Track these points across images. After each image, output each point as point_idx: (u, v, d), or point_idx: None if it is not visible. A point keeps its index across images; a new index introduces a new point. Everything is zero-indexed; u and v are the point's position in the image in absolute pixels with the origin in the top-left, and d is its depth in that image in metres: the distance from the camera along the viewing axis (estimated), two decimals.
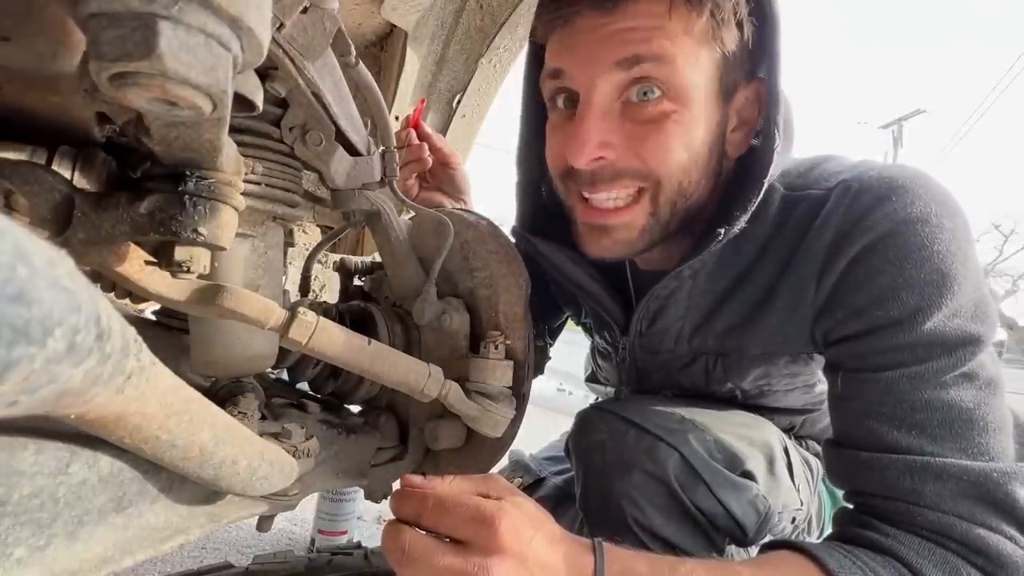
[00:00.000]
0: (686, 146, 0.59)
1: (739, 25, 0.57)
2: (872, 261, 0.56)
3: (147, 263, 0.42)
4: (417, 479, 0.48)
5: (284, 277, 0.61)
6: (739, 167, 0.65)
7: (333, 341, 0.46)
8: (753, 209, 0.59)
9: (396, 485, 0.68)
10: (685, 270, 0.66)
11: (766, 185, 0.59)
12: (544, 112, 0.69)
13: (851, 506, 0.59)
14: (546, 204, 0.77)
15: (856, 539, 0.54)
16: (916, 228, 0.55)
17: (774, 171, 0.59)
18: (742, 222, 0.60)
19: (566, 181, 0.65)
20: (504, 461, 0.78)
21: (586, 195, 0.63)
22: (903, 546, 0.51)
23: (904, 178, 0.57)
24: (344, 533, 1.36)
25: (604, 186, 0.61)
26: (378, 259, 0.73)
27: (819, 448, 0.86)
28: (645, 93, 0.57)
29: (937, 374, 0.53)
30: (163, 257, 0.38)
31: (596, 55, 0.57)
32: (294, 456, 0.47)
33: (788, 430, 0.83)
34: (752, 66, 0.61)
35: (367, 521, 1.54)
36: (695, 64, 0.56)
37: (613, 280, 0.78)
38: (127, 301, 0.54)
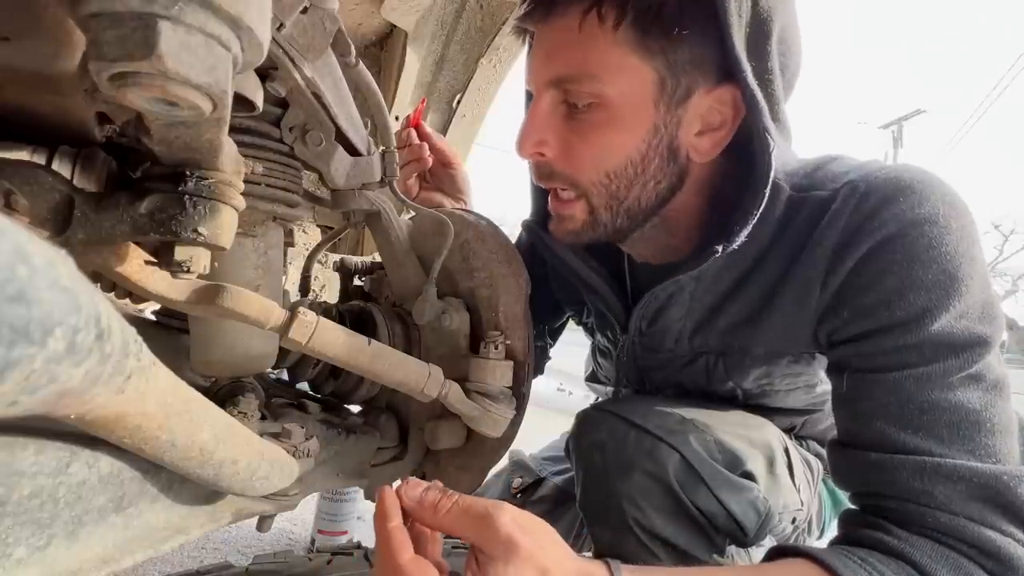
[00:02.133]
0: (612, 154, 0.61)
1: (678, 29, 0.55)
2: (879, 262, 0.56)
3: (147, 263, 0.42)
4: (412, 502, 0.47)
5: (284, 277, 0.61)
6: (739, 169, 0.65)
7: (333, 341, 0.46)
8: (753, 223, 0.59)
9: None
10: (683, 278, 0.66)
11: (766, 196, 0.58)
12: None
13: (857, 507, 0.59)
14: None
15: (865, 541, 0.53)
16: (924, 229, 0.54)
17: (775, 175, 0.59)
18: (742, 237, 0.59)
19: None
20: (504, 461, 0.78)
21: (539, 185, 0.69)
22: (915, 549, 0.50)
23: (911, 178, 0.57)
24: (344, 533, 1.37)
25: (544, 181, 0.67)
26: (378, 259, 0.73)
27: (820, 448, 0.86)
28: (576, 104, 0.60)
29: (944, 375, 0.53)
30: (163, 257, 0.38)
31: (537, 69, 0.62)
32: (294, 456, 0.47)
33: (789, 430, 0.83)
34: (720, 69, 0.58)
35: (367, 521, 1.54)
36: (620, 72, 0.57)
37: (616, 274, 0.78)
38: (127, 301, 0.54)
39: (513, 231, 0.85)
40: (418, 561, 0.43)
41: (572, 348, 1.56)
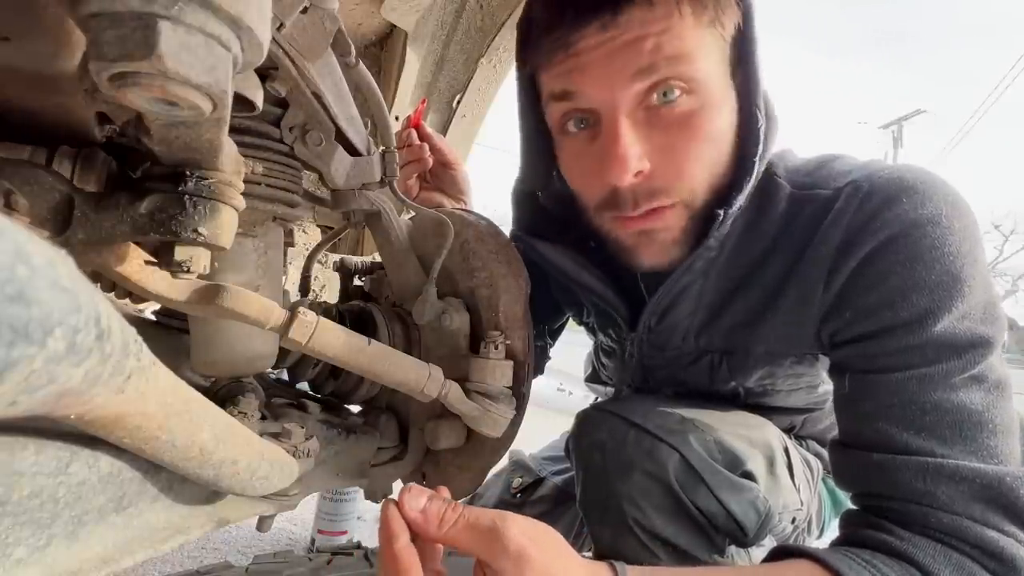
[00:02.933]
0: (715, 140, 0.59)
1: (738, 5, 0.57)
2: (882, 262, 0.56)
3: (147, 263, 0.42)
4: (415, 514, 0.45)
5: (284, 277, 0.61)
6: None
7: (333, 341, 0.46)
8: (749, 188, 0.59)
9: (396, 486, 0.68)
10: (697, 261, 0.64)
11: (758, 164, 0.59)
12: (545, 133, 0.67)
13: (858, 508, 0.59)
14: (543, 208, 0.77)
15: (867, 541, 0.53)
16: (927, 230, 0.54)
17: (764, 150, 0.59)
18: (740, 200, 0.59)
19: (606, 210, 0.63)
20: (504, 461, 0.78)
21: (629, 216, 0.61)
22: (918, 549, 0.50)
23: (914, 179, 0.57)
24: (344, 533, 1.37)
25: (645, 202, 0.59)
26: (378, 259, 0.73)
27: (819, 448, 0.86)
28: (666, 94, 0.56)
29: (946, 376, 0.53)
30: (163, 257, 0.38)
31: (610, 69, 0.55)
32: (294, 456, 0.47)
33: (788, 430, 0.83)
34: (743, 48, 0.60)
35: (367, 521, 1.54)
36: (708, 54, 0.56)
37: (618, 277, 0.78)
38: (127, 301, 0.54)
39: (509, 234, 0.86)
40: None
41: (572, 348, 1.56)
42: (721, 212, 0.59)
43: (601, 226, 0.65)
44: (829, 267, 0.59)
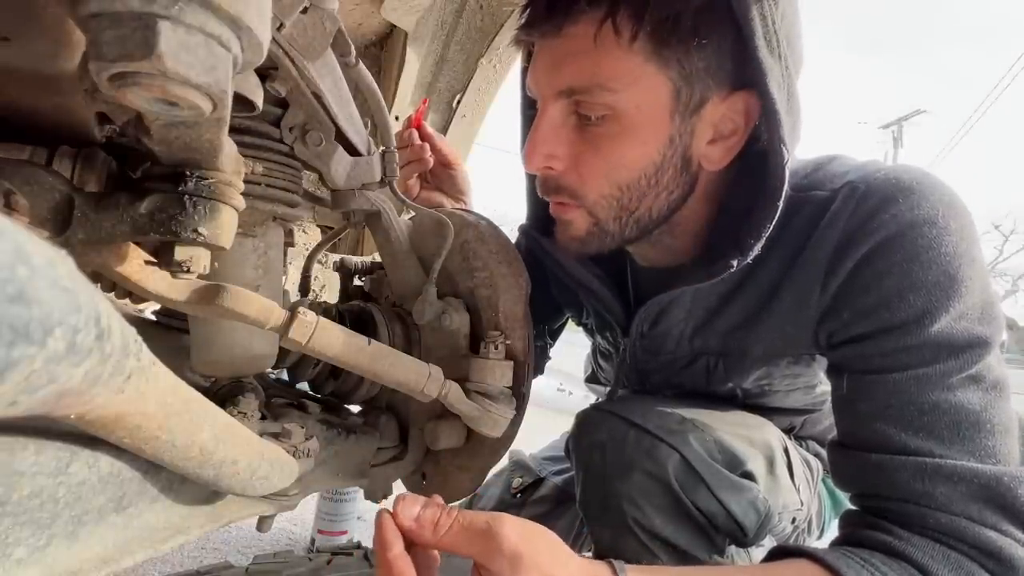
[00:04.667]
0: (626, 167, 0.59)
1: (697, 37, 0.54)
2: (879, 263, 0.56)
3: (147, 263, 0.42)
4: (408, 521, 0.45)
5: (284, 277, 0.61)
6: (748, 178, 0.63)
7: (333, 341, 0.46)
8: (767, 233, 0.58)
9: (396, 486, 0.68)
10: (688, 290, 0.66)
11: (779, 209, 0.57)
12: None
13: (857, 508, 0.59)
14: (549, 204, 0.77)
15: (866, 541, 0.53)
16: (923, 230, 0.54)
17: (787, 190, 0.57)
18: (756, 250, 0.59)
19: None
20: (504, 461, 0.78)
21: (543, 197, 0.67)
22: (916, 549, 0.50)
23: (910, 179, 0.57)
24: (344, 533, 1.37)
25: (550, 195, 0.65)
26: (378, 259, 0.73)
27: (819, 448, 0.86)
28: (588, 116, 0.58)
29: (944, 376, 0.53)
30: (163, 257, 0.38)
31: (545, 79, 0.60)
32: (294, 456, 0.47)
33: (788, 430, 0.83)
34: (733, 76, 0.57)
35: (367, 521, 1.54)
36: (636, 84, 0.55)
37: (616, 278, 0.78)
38: (127, 301, 0.54)
39: (513, 231, 0.85)
40: None
41: (572, 348, 1.56)
42: (734, 263, 0.59)
43: None
44: (826, 268, 0.59)
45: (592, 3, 0.54)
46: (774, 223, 0.61)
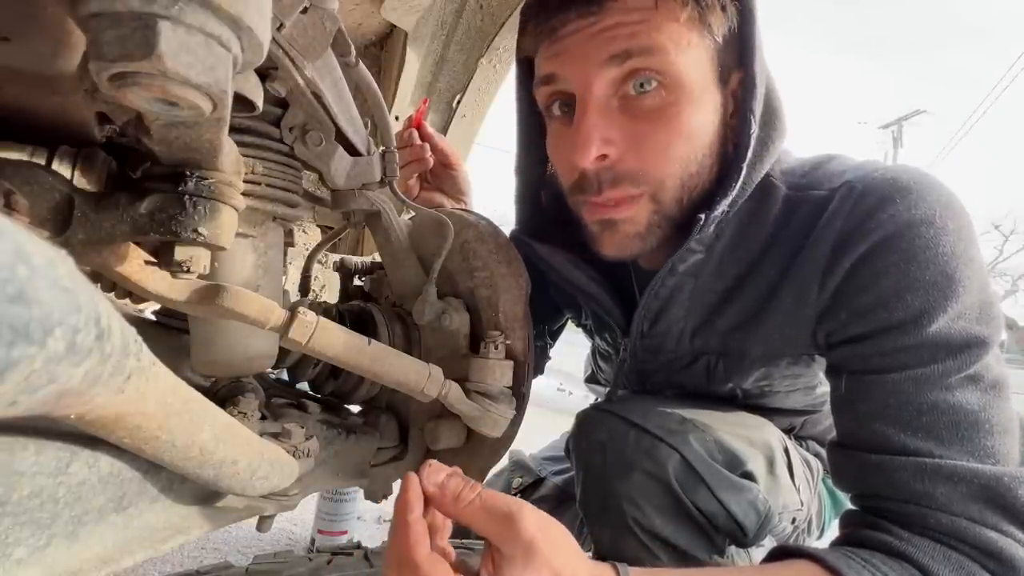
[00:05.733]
0: (688, 136, 0.58)
1: (723, 9, 0.57)
2: (876, 263, 0.56)
3: (147, 263, 0.42)
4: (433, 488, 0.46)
5: (284, 277, 0.61)
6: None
7: (333, 341, 0.46)
8: (734, 194, 0.59)
9: (397, 485, 0.68)
10: (677, 264, 0.65)
11: (746, 171, 0.59)
12: (539, 122, 0.69)
13: (857, 508, 0.59)
14: (545, 209, 0.77)
15: (866, 542, 0.53)
16: (920, 230, 0.54)
17: (753, 157, 0.59)
18: (724, 205, 0.59)
19: (576, 194, 0.64)
20: (504, 461, 0.78)
21: (594, 200, 0.62)
22: (916, 549, 0.50)
23: (908, 179, 0.57)
24: (344, 533, 1.37)
25: (608, 190, 0.60)
26: (378, 259, 0.73)
27: (819, 448, 0.86)
28: (642, 85, 0.57)
29: (942, 376, 0.53)
30: (163, 257, 0.38)
31: (587, 54, 0.57)
32: (294, 456, 0.47)
33: (788, 431, 0.83)
34: (740, 53, 0.60)
35: (367, 521, 1.54)
36: (687, 51, 0.56)
37: (615, 282, 0.77)
38: (127, 301, 0.54)
39: (508, 233, 0.86)
40: (434, 558, 0.43)
41: (572, 348, 1.56)
42: (702, 216, 0.59)
43: (575, 212, 0.67)
44: (824, 268, 0.59)
45: None
46: (772, 221, 0.62)
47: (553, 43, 0.59)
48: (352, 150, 0.54)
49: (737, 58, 0.60)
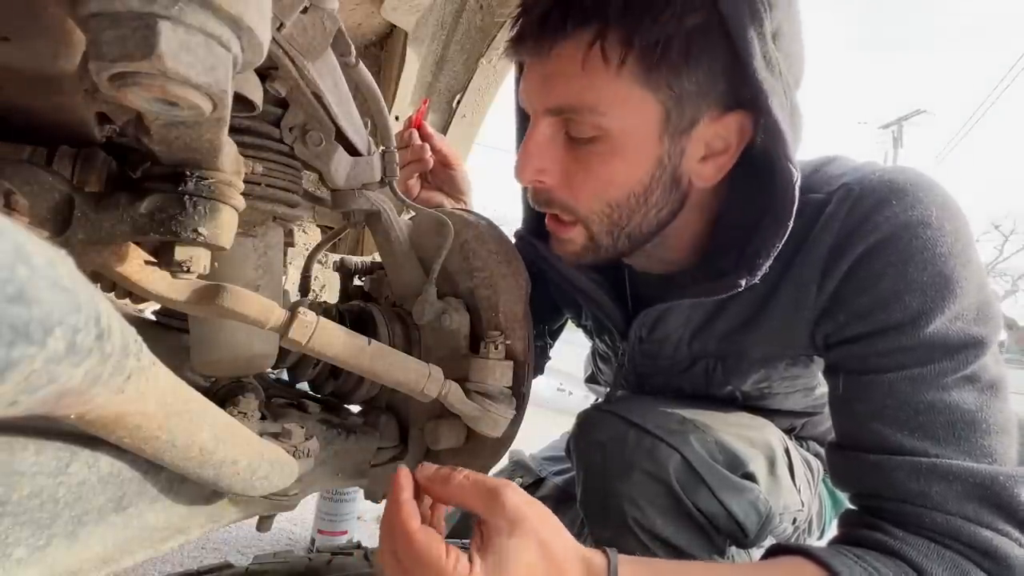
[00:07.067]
0: (618, 185, 0.59)
1: (689, 60, 0.53)
2: (874, 264, 0.56)
3: (147, 263, 0.42)
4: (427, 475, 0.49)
5: (284, 277, 0.61)
6: (746, 190, 0.63)
7: (333, 341, 0.46)
8: (776, 254, 0.58)
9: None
10: (685, 301, 0.66)
11: (790, 228, 0.57)
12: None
13: (855, 508, 0.59)
14: None
15: (863, 541, 0.54)
16: (917, 231, 0.54)
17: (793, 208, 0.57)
18: (765, 268, 0.59)
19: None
20: (504, 461, 0.78)
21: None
22: (911, 548, 0.50)
23: (905, 181, 0.57)
24: (344, 533, 1.37)
25: (542, 207, 0.64)
26: (378, 259, 0.73)
27: (820, 449, 0.86)
28: (578, 132, 0.58)
29: (939, 376, 0.53)
30: (163, 257, 0.38)
31: (535, 96, 0.59)
32: (294, 456, 0.47)
33: (789, 431, 0.83)
34: (727, 96, 0.57)
35: (367, 521, 1.54)
36: (625, 106, 0.55)
37: (615, 283, 0.78)
38: (127, 301, 0.54)
39: (513, 231, 0.85)
40: (427, 530, 0.45)
41: (572, 348, 1.56)
42: (743, 282, 0.59)
43: None
44: (822, 270, 0.59)
45: (581, 25, 0.53)
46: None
47: (520, 65, 0.63)
48: (352, 150, 0.54)
49: (724, 101, 0.57)
